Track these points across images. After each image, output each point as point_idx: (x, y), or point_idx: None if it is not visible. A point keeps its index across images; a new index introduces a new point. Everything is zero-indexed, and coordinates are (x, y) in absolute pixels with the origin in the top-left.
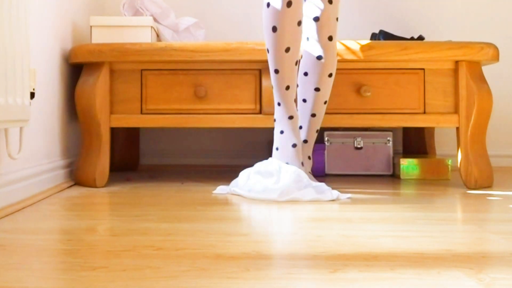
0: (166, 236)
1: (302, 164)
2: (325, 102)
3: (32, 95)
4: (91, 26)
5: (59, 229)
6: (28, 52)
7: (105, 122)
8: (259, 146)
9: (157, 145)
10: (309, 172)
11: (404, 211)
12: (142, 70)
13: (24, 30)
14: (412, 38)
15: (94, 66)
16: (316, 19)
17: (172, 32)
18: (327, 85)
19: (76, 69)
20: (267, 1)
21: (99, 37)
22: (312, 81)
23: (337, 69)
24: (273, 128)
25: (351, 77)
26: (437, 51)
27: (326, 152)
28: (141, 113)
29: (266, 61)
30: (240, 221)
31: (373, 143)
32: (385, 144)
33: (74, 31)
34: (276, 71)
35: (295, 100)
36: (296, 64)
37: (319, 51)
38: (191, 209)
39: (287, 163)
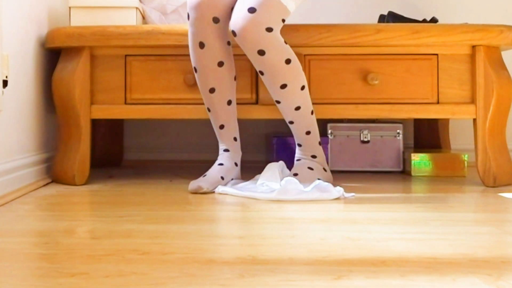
0: (153, 239)
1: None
2: (298, 109)
3: (5, 83)
4: (70, 7)
5: (35, 231)
6: (0, 37)
7: (85, 113)
8: (255, 139)
9: (142, 139)
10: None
11: (416, 211)
12: (126, 55)
13: None
14: (424, 21)
15: (73, 52)
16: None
17: (159, 14)
18: (285, 95)
19: (53, 55)
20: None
21: (78, 20)
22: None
23: (342, 55)
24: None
25: (356, 64)
26: (452, 34)
27: (329, 146)
28: (125, 103)
29: None
30: (234, 222)
31: (382, 136)
32: (395, 138)
33: (51, 13)
34: (209, 110)
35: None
36: (229, 104)
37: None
38: (180, 209)
39: (232, 179)
